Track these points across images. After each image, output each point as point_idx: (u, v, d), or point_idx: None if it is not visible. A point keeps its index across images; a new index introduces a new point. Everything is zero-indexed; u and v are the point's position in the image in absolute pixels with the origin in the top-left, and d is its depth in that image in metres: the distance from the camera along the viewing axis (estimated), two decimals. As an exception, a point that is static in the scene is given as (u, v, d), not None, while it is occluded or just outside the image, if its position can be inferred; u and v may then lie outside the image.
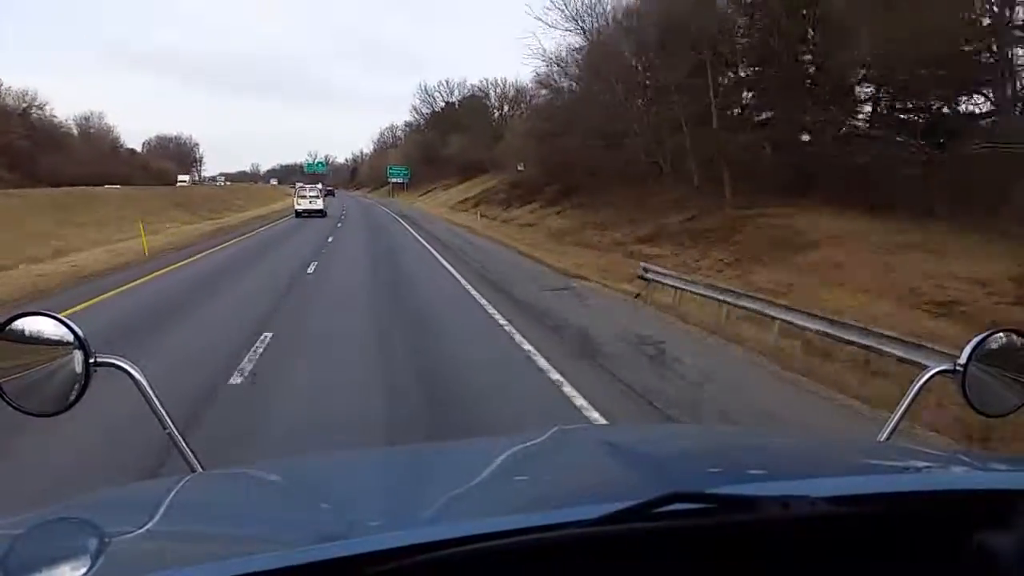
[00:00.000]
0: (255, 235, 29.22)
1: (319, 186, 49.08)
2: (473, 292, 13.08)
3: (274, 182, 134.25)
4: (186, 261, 18.82)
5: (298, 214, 38.57)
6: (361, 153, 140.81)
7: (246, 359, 7.50)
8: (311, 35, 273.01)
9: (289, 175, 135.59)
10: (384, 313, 10.94)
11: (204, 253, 21.14)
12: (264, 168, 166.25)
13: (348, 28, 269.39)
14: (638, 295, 13.00)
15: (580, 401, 6.31)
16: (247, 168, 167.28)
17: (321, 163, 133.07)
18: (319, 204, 39.84)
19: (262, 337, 8.51)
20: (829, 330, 8.39)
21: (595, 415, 5.88)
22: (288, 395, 6.45)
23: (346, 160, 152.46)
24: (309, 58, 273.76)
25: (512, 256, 20.81)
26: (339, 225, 33.57)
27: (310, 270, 16.28)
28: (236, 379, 6.81)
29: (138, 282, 14.61)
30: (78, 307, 11.20)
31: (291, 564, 0.78)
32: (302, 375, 7.14)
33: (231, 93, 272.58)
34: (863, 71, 21.56)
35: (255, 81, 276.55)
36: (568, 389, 6.66)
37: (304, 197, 40.10)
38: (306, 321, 10.40)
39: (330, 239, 25.64)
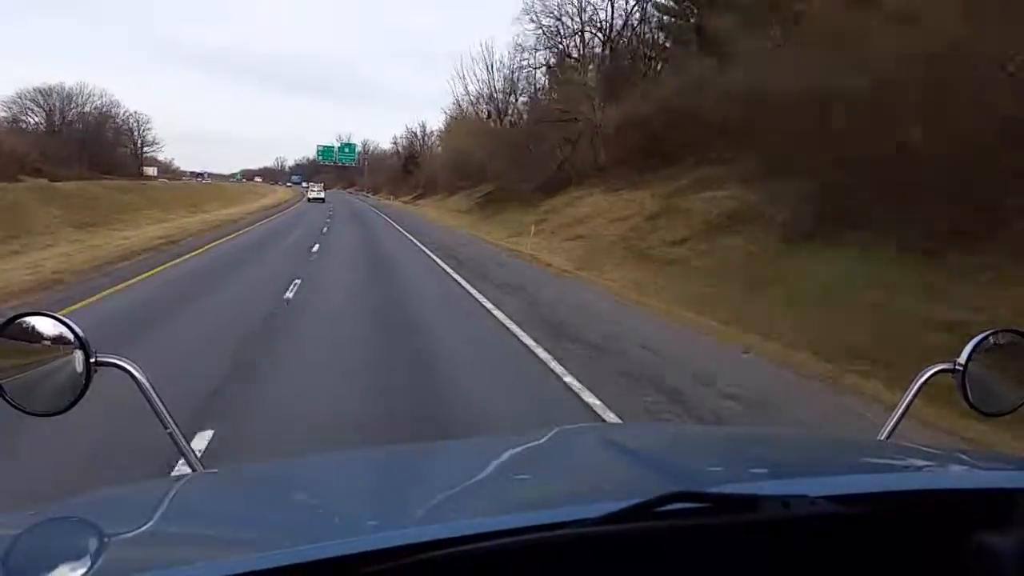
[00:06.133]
0: None
1: (322, 184, 74.46)
2: None
3: (259, 179, 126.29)
4: None
5: (309, 200, 59.45)
6: (422, 128, 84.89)
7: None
8: (345, 29, 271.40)
9: (317, 171, 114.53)
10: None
11: None
12: (289, 163, 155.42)
13: (380, 21, 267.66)
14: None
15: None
16: (271, 163, 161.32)
17: (350, 146, 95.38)
18: (322, 195, 61.65)
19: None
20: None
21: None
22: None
23: (395, 143, 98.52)
24: (343, 52, 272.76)
25: None
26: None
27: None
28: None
29: None
30: None
31: (289, 563, 0.78)
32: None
33: (254, 87, 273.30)
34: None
35: (278, 75, 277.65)
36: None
37: (313, 191, 63.76)
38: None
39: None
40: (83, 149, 61.52)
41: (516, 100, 47.52)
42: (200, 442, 4.68)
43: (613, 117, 28.93)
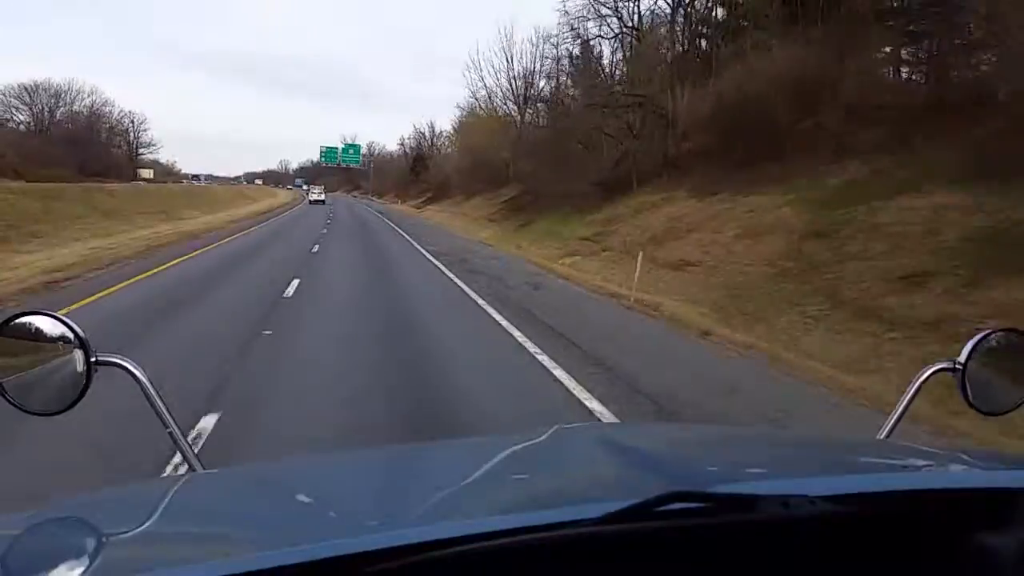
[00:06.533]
0: None
1: (322, 187, 76.73)
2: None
3: (259, 182, 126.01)
4: None
5: (311, 202, 61.93)
6: (431, 128, 78.53)
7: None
8: (345, 29, 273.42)
9: (321, 174, 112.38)
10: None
11: None
12: (293, 166, 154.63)
13: (381, 21, 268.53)
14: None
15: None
16: (275, 166, 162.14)
17: (355, 147, 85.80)
18: (322, 197, 64.34)
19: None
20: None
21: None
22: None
23: (402, 144, 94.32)
24: (347, 54, 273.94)
25: None
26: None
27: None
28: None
29: None
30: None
31: (289, 563, 0.78)
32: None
33: (256, 89, 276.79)
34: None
35: (279, 78, 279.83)
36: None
37: (313, 194, 65.88)
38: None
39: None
40: (72, 149, 54.19)
41: (553, 85, 38.82)
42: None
43: (695, 101, 22.38)
